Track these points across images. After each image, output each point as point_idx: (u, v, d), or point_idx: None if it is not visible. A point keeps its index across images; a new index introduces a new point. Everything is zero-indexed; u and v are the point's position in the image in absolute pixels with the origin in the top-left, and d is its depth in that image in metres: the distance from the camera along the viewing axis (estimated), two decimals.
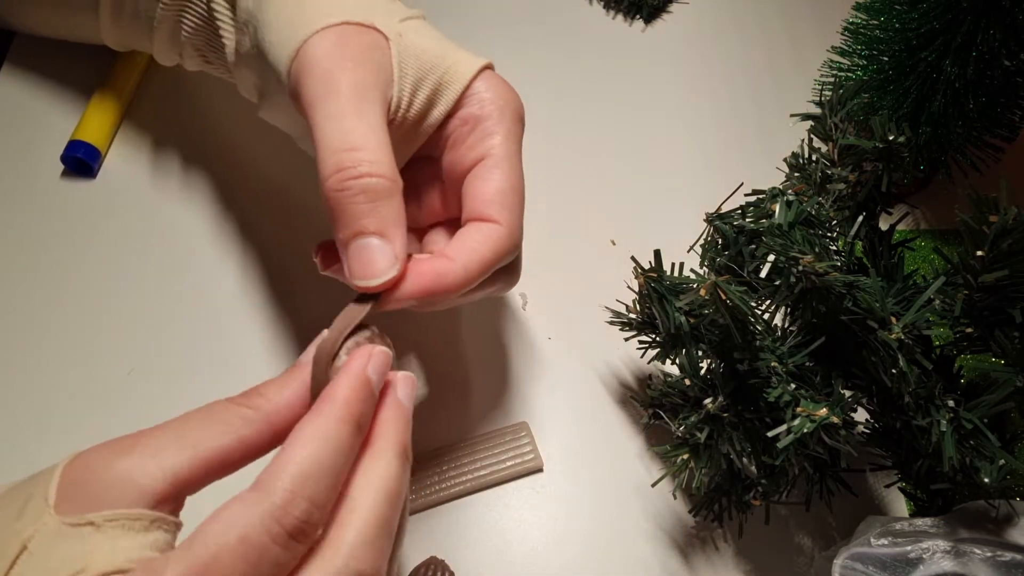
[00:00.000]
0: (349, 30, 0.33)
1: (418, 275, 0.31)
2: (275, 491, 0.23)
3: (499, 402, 0.44)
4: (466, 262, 0.32)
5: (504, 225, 0.33)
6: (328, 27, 0.32)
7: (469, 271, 0.32)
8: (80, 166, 0.48)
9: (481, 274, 0.32)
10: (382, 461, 0.27)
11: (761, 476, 0.35)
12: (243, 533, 0.23)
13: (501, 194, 0.33)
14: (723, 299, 0.33)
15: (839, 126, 0.37)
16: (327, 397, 0.26)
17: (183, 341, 0.44)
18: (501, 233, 0.33)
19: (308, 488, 0.24)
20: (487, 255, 0.32)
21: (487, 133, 0.34)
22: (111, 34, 0.45)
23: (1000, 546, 0.34)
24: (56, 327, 0.44)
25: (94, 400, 0.42)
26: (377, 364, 0.28)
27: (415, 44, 0.34)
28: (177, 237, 0.47)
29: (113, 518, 0.23)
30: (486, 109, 0.34)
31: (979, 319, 0.34)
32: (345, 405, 0.26)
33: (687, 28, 0.59)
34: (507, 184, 0.34)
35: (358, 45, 0.32)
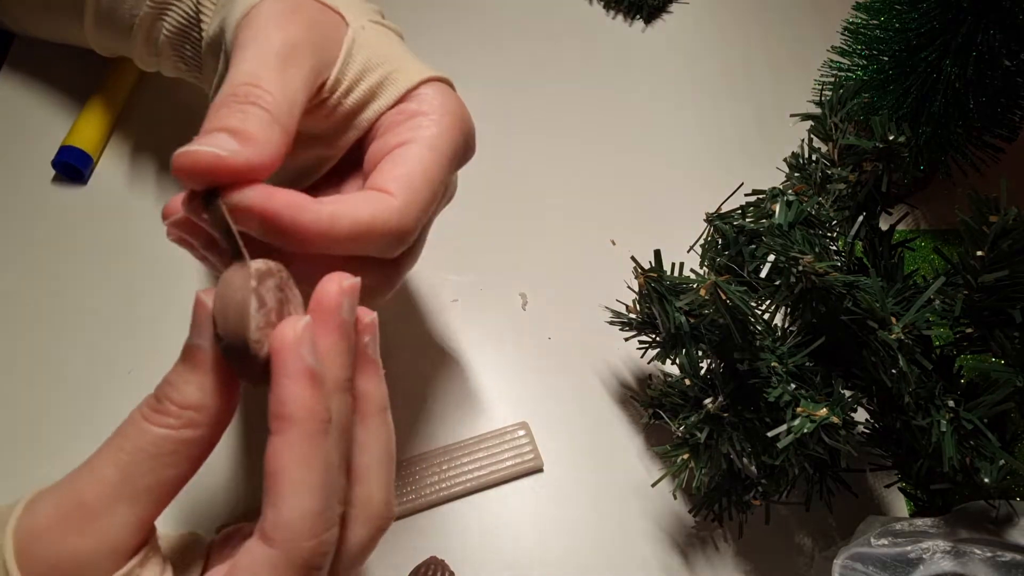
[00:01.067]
0: (306, 3, 0.31)
1: (268, 193, 0.26)
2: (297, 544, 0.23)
3: (499, 402, 0.44)
4: (335, 211, 0.27)
5: (396, 198, 0.29)
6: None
7: (336, 222, 0.27)
8: (71, 172, 0.48)
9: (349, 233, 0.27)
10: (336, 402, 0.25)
11: (761, 476, 0.35)
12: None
13: (408, 175, 0.29)
14: (723, 299, 0.33)
15: (839, 126, 0.37)
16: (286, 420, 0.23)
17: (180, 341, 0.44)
18: (390, 204, 0.28)
19: (324, 522, 0.23)
20: (364, 217, 0.28)
21: (418, 125, 0.31)
22: (95, 38, 0.45)
23: (1000, 546, 0.34)
24: (51, 329, 0.44)
25: (93, 401, 0.42)
26: (308, 343, 0.24)
27: (373, 40, 0.33)
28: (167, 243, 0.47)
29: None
30: (426, 107, 0.32)
31: (979, 319, 0.34)
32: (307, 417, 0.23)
33: (687, 28, 0.59)
34: (419, 168, 0.30)
35: (308, 16, 0.31)
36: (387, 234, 0.29)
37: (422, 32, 0.57)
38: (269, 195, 0.26)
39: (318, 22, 0.31)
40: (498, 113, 0.53)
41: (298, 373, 0.23)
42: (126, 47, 0.43)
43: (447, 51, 0.56)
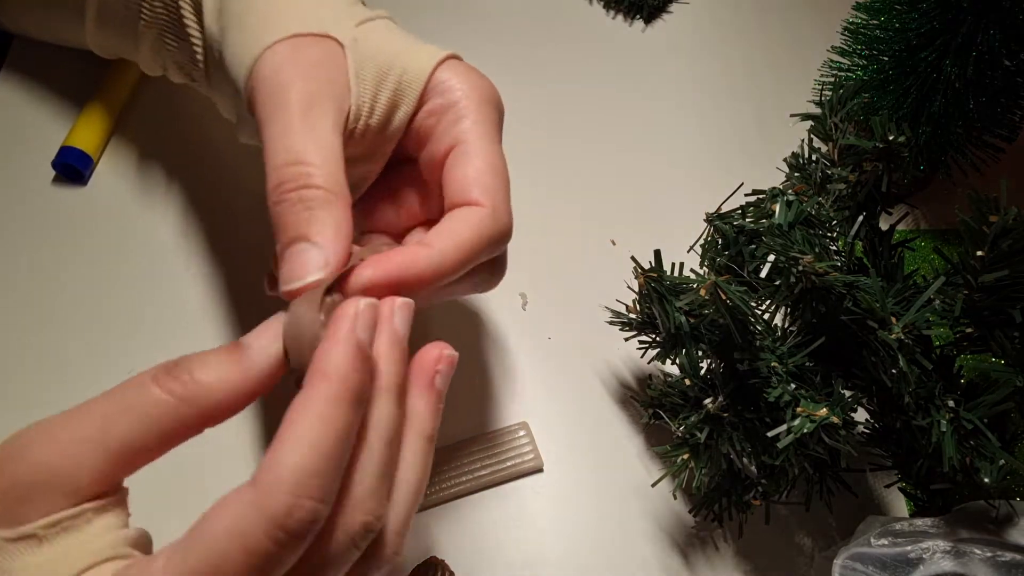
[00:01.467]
0: (301, 42, 0.32)
1: (382, 260, 0.28)
2: (277, 497, 0.22)
3: (499, 402, 0.44)
4: (443, 248, 0.29)
5: (487, 206, 0.31)
6: (278, 41, 0.31)
7: (445, 255, 0.29)
8: (71, 173, 0.48)
9: (463, 259, 0.30)
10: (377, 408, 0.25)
11: (761, 476, 0.35)
12: (246, 544, 0.22)
13: (479, 174, 0.31)
14: (723, 299, 0.33)
15: (839, 126, 0.37)
16: (319, 375, 0.24)
17: (181, 340, 0.44)
18: (483, 214, 0.31)
19: (311, 488, 0.22)
20: (467, 237, 0.30)
21: (456, 119, 0.32)
22: (97, 42, 0.44)
23: (1000, 546, 0.34)
24: (51, 329, 0.44)
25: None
26: (366, 320, 0.25)
27: (372, 47, 0.33)
28: (167, 244, 0.47)
29: (54, 523, 0.23)
30: (452, 97, 0.33)
31: (979, 319, 0.34)
32: (341, 382, 0.24)
33: (687, 28, 0.59)
34: (484, 164, 0.32)
35: (309, 57, 0.31)
36: (493, 240, 0.31)
37: (422, 32, 0.57)
38: (384, 265, 0.28)
39: (319, 59, 0.32)
40: None
41: (346, 339, 0.24)
42: (130, 51, 0.43)
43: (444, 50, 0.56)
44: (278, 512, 0.22)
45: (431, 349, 0.29)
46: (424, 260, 0.29)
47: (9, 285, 0.45)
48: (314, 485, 0.22)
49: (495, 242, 0.31)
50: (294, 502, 0.22)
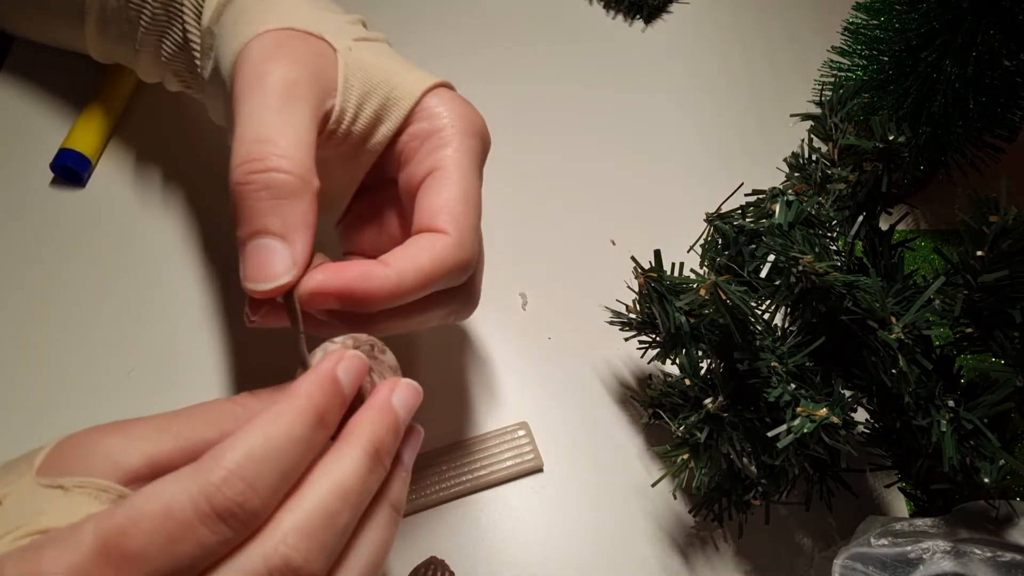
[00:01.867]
0: (292, 35, 0.32)
1: (338, 271, 0.28)
2: (212, 469, 0.23)
3: (499, 402, 0.44)
4: (401, 268, 0.29)
5: (451, 235, 0.30)
6: (269, 31, 0.31)
7: (403, 278, 0.29)
8: (70, 175, 0.48)
9: (418, 283, 0.29)
10: (343, 458, 0.25)
11: (761, 476, 0.35)
12: (168, 504, 0.22)
13: (449, 203, 0.31)
14: (723, 299, 0.33)
15: (839, 126, 0.37)
16: (289, 390, 0.25)
17: (180, 342, 0.44)
18: (446, 243, 0.30)
19: (249, 470, 0.23)
20: (427, 264, 0.29)
21: (438, 145, 0.32)
22: (96, 49, 0.45)
23: (1000, 546, 0.34)
24: (49, 331, 0.44)
25: (92, 403, 0.42)
26: (349, 366, 0.26)
27: (364, 59, 0.33)
28: (166, 246, 0.47)
29: (81, 484, 0.24)
30: (437, 123, 0.33)
31: (979, 319, 0.34)
32: (305, 397, 0.25)
33: (687, 28, 0.59)
34: (457, 193, 0.31)
35: (298, 48, 0.31)
36: (453, 270, 0.30)
37: (422, 32, 0.57)
38: (337, 273, 0.28)
39: (307, 52, 0.32)
40: (497, 113, 0.53)
41: (325, 374, 0.26)
42: (129, 58, 0.43)
43: (446, 51, 0.56)
44: (208, 481, 0.22)
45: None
46: (379, 279, 0.28)
47: (6, 287, 0.45)
48: (251, 469, 0.23)
49: (454, 271, 0.31)
50: (227, 476, 0.22)
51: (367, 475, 0.25)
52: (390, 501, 0.27)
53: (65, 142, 0.48)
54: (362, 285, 0.28)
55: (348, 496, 0.25)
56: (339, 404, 0.26)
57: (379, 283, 0.28)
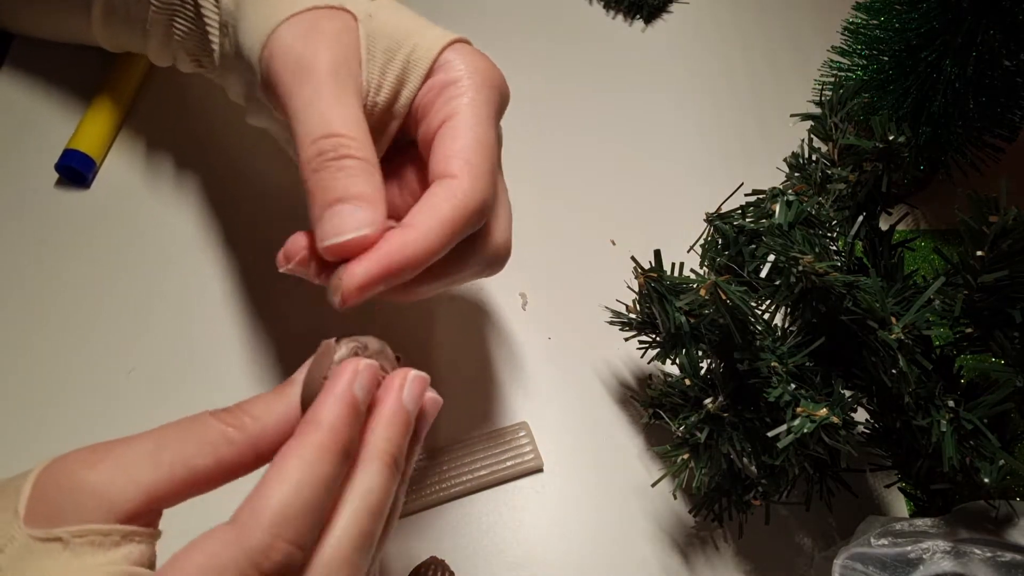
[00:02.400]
0: (319, 14, 0.32)
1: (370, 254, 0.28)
2: (254, 533, 0.22)
3: (499, 402, 0.44)
4: (425, 225, 0.29)
5: (463, 178, 0.30)
6: (296, 14, 0.32)
7: (430, 233, 0.29)
8: (74, 175, 0.48)
9: (446, 235, 0.29)
10: (368, 477, 0.25)
11: (761, 476, 0.35)
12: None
13: (463, 149, 0.31)
14: (723, 299, 0.33)
15: (839, 126, 0.37)
16: (309, 422, 0.25)
17: (181, 343, 0.44)
18: (462, 186, 0.30)
19: (289, 530, 0.23)
20: (447, 212, 0.29)
21: (453, 96, 0.32)
22: (103, 35, 0.44)
23: (1000, 546, 0.34)
24: (52, 331, 0.44)
25: (94, 402, 0.42)
26: (364, 380, 0.26)
27: (384, 23, 0.33)
28: (169, 247, 0.47)
29: (81, 534, 0.23)
30: (453, 75, 0.33)
31: (979, 319, 0.34)
32: (330, 432, 0.24)
33: (687, 28, 0.59)
34: (470, 139, 0.31)
35: (328, 29, 0.31)
36: (471, 215, 0.30)
37: None
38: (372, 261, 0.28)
39: (338, 31, 0.32)
40: None
41: (340, 394, 0.25)
42: (138, 43, 0.43)
43: None
44: (255, 549, 0.22)
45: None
46: (412, 243, 0.28)
47: (10, 287, 0.45)
48: (293, 528, 0.23)
49: (475, 216, 0.31)
50: (272, 542, 0.22)
51: (390, 486, 0.26)
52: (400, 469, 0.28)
53: (70, 142, 0.48)
54: (400, 257, 0.28)
55: (379, 513, 0.25)
56: (359, 427, 0.26)
57: (412, 248, 0.28)
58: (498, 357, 0.46)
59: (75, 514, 0.23)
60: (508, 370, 0.45)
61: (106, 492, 0.23)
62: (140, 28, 0.41)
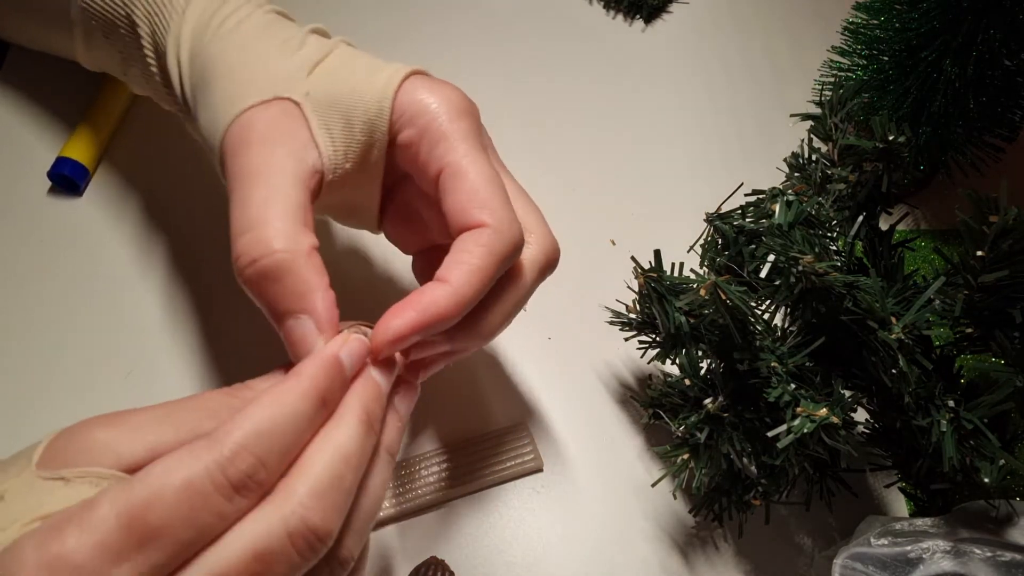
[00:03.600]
0: (254, 114, 0.32)
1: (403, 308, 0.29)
2: (225, 443, 0.24)
3: (499, 402, 0.44)
4: (458, 279, 0.30)
5: (489, 223, 0.31)
6: (235, 120, 0.32)
7: (462, 287, 0.30)
8: (67, 183, 0.48)
9: (480, 284, 0.30)
10: (341, 427, 0.27)
11: (761, 476, 0.35)
12: (187, 477, 0.23)
13: (472, 194, 0.31)
14: (723, 299, 0.33)
15: (839, 126, 0.37)
16: (294, 371, 0.27)
17: (178, 346, 0.44)
18: (488, 234, 0.31)
19: (259, 445, 0.24)
20: (479, 262, 0.30)
21: (433, 145, 0.32)
22: (86, 58, 0.44)
23: (1000, 546, 0.34)
24: (45, 338, 0.44)
25: (93, 404, 0.42)
26: (351, 349, 0.28)
27: (329, 95, 0.33)
28: (162, 255, 0.47)
29: (83, 475, 0.24)
30: (422, 121, 0.33)
31: (979, 319, 0.34)
32: (309, 379, 0.26)
33: (687, 28, 0.59)
34: (475, 181, 0.31)
35: (261, 126, 0.32)
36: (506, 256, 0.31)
37: (420, 31, 0.57)
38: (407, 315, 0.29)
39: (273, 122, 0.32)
40: (497, 113, 0.53)
41: (329, 357, 0.27)
42: (118, 73, 0.43)
43: (445, 50, 0.56)
44: (223, 455, 0.24)
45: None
46: (443, 298, 0.29)
47: (3, 293, 0.45)
48: (260, 445, 0.24)
49: (507, 256, 0.31)
50: (239, 450, 0.24)
51: (364, 440, 0.27)
52: (385, 448, 0.29)
53: (63, 151, 0.48)
54: (432, 312, 0.29)
55: (350, 460, 0.26)
56: (340, 385, 0.28)
57: (445, 303, 0.29)
58: (498, 357, 0.46)
59: (82, 461, 0.25)
60: (508, 370, 0.45)
61: (113, 446, 0.25)
62: (119, 61, 0.41)
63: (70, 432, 0.26)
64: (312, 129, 0.32)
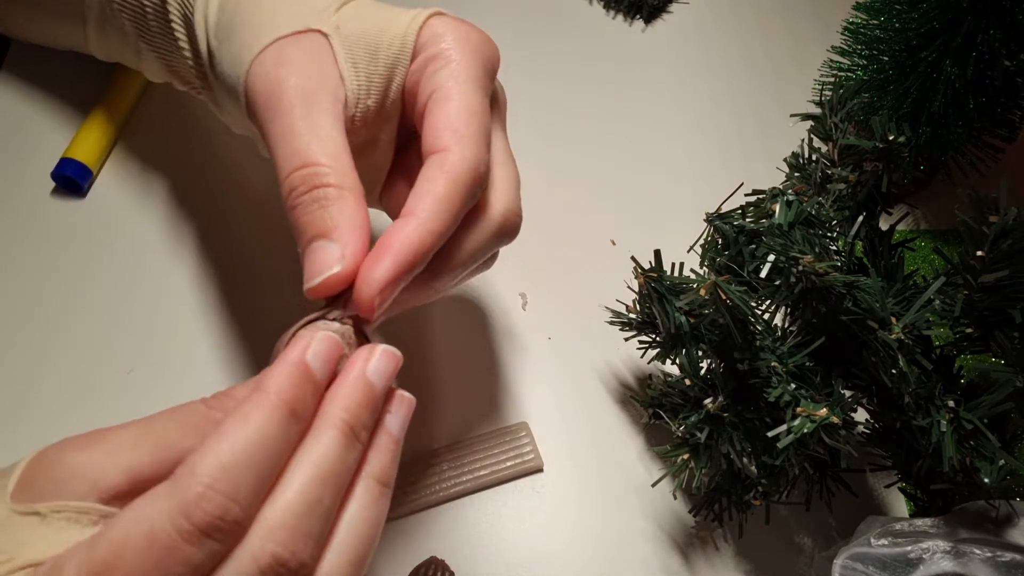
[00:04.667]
0: (285, 43, 0.31)
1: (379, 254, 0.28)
2: (188, 485, 0.22)
3: (499, 402, 0.44)
4: (424, 209, 0.28)
5: (452, 148, 0.29)
6: (264, 49, 0.31)
7: (431, 214, 0.28)
8: (71, 184, 0.48)
9: (448, 212, 0.29)
10: (317, 441, 0.25)
11: (761, 476, 0.35)
12: (149, 529, 0.21)
13: (449, 119, 0.30)
14: (723, 299, 0.33)
15: (839, 126, 0.37)
16: (257, 388, 0.25)
17: (179, 343, 0.44)
18: (452, 157, 0.29)
19: (225, 482, 0.22)
20: (442, 188, 0.29)
21: (436, 68, 0.31)
22: (98, 47, 0.44)
23: (1000, 546, 0.34)
24: (49, 338, 0.44)
25: (95, 400, 0.42)
26: (319, 350, 0.26)
27: (357, 28, 0.32)
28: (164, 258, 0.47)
29: (59, 509, 0.23)
30: (435, 49, 0.32)
31: (979, 319, 0.34)
32: (275, 393, 0.24)
33: (687, 28, 0.59)
34: (455, 108, 0.30)
35: (296, 56, 0.31)
36: (468, 184, 0.29)
37: None
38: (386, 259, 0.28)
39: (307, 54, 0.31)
40: None
41: (294, 359, 0.25)
42: (132, 60, 0.43)
43: None
44: (186, 499, 0.22)
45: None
46: (415, 231, 0.28)
47: (7, 292, 0.45)
48: (227, 480, 0.22)
49: (470, 183, 0.30)
50: (203, 491, 0.22)
51: (344, 454, 0.25)
52: (374, 475, 0.26)
53: (67, 151, 0.48)
54: (407, 248, 0.28)
55: (326, 479, 0.24)
56: (312, 392, 0.25)
57: (417, 235, 0.28)
58: (498, 357, 0.46)
59: (57, 492, 0.23)
60: (508, 370, 0.45)
61: (88, 472, 0.24)
62: (133, 46, 0.41)
63: (47, 455, 0.24)
64: (339, 62, 0.32)
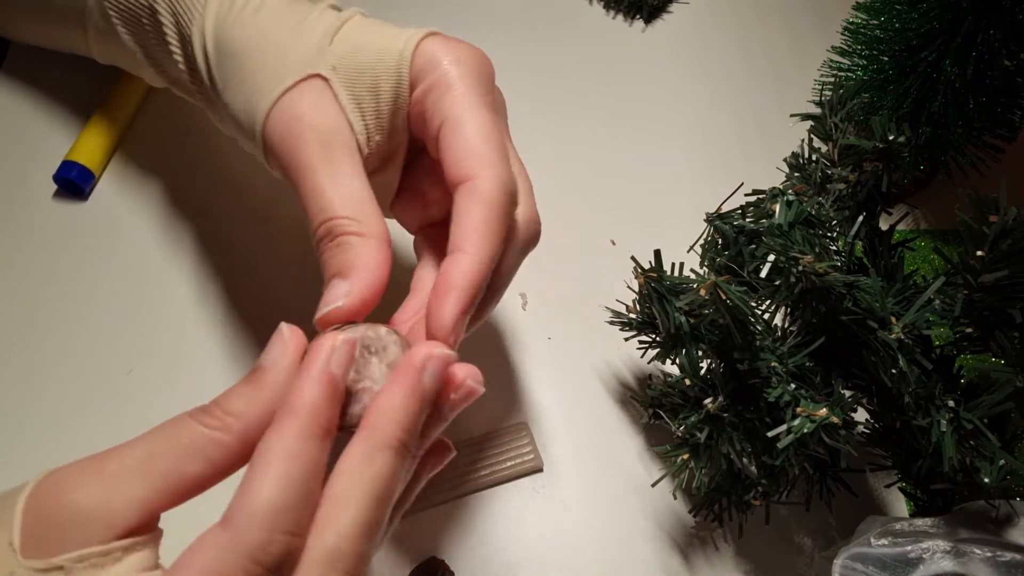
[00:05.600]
0: (292, 96, 0.32)
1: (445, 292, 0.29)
2: (251, 533, 0.22)
3: (499, 402, 0.44)
4: (472, 242, 0.29)
5: (480, 174, 0.30)
6: (275, 102, 0.32)
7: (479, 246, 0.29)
8: (72, 187, 0.48)
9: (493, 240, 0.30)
10: (374, 463, 0.25)
11: (761, 476, 0.35)
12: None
13: (467, 147, 0.31)
14: (723, 299, 0.33)
15: (839, 126, 0.37)
16: (287, 409, 0.24)
17: (179, 343, 0.44)
18: (482, 186, 0.30)
19: (284, 522, 0.23)
20: (480, 218, 0.30)
21: (439, 96, 0.32)
22: (99, 52, 0.44)
23: (1000, 546, 0.34)
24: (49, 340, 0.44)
25: (96, 400, 0.42)
26: (341, 357, 0.25)
27: (354, 66, 0.33)
28: (165, 262, 0.47)
29: (82, 559, 0.23)
30: (434, 75, 0.32)
31: (979, 319, 0.34)
32: (309, 417, 0.24)
33: (687, 28, 0.59)
34: (470, 134, 0.31)
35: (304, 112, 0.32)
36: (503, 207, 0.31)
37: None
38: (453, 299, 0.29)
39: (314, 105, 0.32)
40: None
41: (319, 374, 0.25)
42: (133, 67, 0.43)
43: None
44: (253, 548, 0.22)
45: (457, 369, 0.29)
46: (470, 266, 0.29)
47: (7, 296, 0.45)
48: (287, 520, 0.23)
49: (505, 203, 0.31)
50: (268, 537, 0.22)
51: (400, 471, 0.25)
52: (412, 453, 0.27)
53: (69, 154, 0.48)
54: (469, 283, 0.29)
55: (387, 500, 0.25)
56: (338, 403, 0.26)
57: (472, 269, 0.29)
58: (498, 357, 0.45)
59: (73, 539, 0.23)
60: (508, 370, 0.45)
61: (101, 515, 0.23)
62: (132, 52, 0.41)
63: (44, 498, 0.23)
64: (344, 109, 0.33)
